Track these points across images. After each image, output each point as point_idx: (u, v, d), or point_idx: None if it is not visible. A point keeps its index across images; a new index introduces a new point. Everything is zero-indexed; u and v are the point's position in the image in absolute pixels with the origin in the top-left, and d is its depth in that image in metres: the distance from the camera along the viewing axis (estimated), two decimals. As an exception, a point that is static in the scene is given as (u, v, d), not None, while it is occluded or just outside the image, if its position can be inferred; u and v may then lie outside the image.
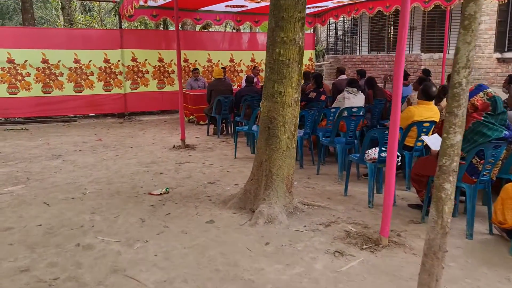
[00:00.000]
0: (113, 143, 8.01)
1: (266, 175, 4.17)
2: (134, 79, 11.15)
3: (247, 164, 6.39)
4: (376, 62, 12.13)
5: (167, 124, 10.44)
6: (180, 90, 7.53)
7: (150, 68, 11.29)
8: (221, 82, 8.70)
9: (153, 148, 7.59)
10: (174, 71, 11.56)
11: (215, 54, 12.07)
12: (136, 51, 11.04)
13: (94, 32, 11.17)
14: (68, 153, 7.21)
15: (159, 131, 9.42)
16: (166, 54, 11.41)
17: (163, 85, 11.53)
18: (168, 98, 11.56)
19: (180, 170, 6.05)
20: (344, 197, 4.82)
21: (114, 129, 9.65)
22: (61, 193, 4.98)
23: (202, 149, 7.51)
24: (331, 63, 13.97)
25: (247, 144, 7.73)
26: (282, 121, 4.08)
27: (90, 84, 10.71)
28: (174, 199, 4.74)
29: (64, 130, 9.60)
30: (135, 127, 9.92)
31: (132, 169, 6.11)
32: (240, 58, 12.41)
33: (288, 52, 3.99)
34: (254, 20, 11.85)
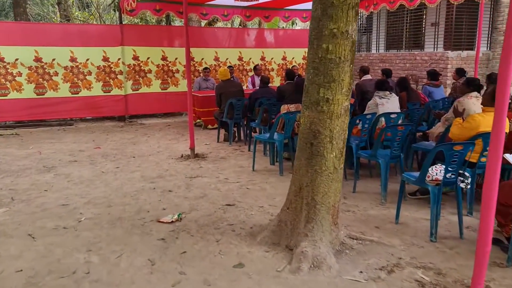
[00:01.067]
0: (113, 152, 7.13)
1: (308, 203, 3.30)
2: (136, 79, 10.26)
3: (269, 178, 5.52)
4: (396, 60, 11.26)
5: (172, 128, 9.56)
6: (189, 92, 6.65)
7: (153, 67, 10.40)
8: (231, 84, 7.81)
9: (158, 158, 6.72)
10: (179, 70, 10.68)
11: (223, 52, 11.18)
12: (137, 49, 10.15)
13: (92, 28, 10.29)
14: (62, 164, 6.33)
15: (164, 136, 8.54)
16: (171, 52, 10.52)
17: (167, 86, 10.65)
18: (172, 100, 10.67)
19: (191, 187, 5.18)
20: (395, 226, 3.95)
21: (114, 134, 8.77)
22: (51, 220, 4.10)
23: (213, 159, 6.63)
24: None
25: (264, 154, 6.86)
26: (329, 136, 3.21)
27: (88, 84, 9.83)
28: (189, 228, 3.86)
29: (59, 135, 8.71)
30: (137, 132, 9.04)
31: (136, 186, 5.24)
32: (249, 57, 11.52)
33: (338, 48, 3.12)
34: (264, 16, 10.96)
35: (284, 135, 5.79)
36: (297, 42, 12.00)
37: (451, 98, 7.49)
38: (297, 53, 12.08)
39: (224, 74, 7.77)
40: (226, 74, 7.78)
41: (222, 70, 7.85)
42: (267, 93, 7.70)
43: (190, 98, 6.66)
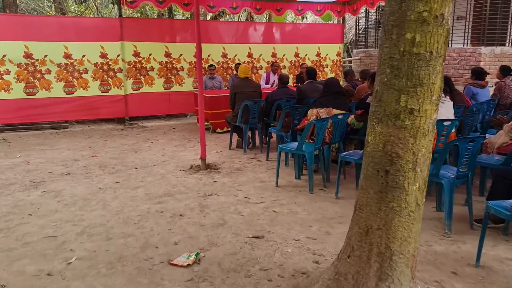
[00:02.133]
0: (112, 162, 6.22)
1: (381, 253, 2.40)
2: (137, 77, 9.35)
3: (297, 197, 4.63)
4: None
5: (176, 132, 8.65)
6: (201, 92, 5.75)
7: (155, 65, 9.49)
8: (248, 83, 6.90)
9: (164, 169, 5.82)
10: (184, 67, 9.77)
11: (231, 48, 10.26)
12: (139, 44, 9.23)
13: (89, 21, 9.37)
14: (52, 178, 5.43)
15: (169, 142, 7.64)
16: (175, 48, 9.60)
17: (171, 85, 9.74)
18: (176, 100, 9.77)
19: (207, 210, 4.28)
20: (477, 271, 3.06)
21: (113, 140, 7.86)
22: (33, 261, 3.21)
23: (228, 171, 5.74)
24: (361, 59, 12.19)
25: (286, 164, 5.97)
26: (412, 161, 2.32)
27: (84, 83, 8.92)
28: (211, 276, 2.97)
29: (52, 141, 7.80)
30: (138, 137, 8.13)
31: (140, 208, 4.34)
32: (260, 53, 10.61)
33: (429, 38, 2.22)
34: (276, 8, 10.11)
35: (315, 145, 4.89)
36: (310, 37, 11.09)
37: (496, 100, 6.61)
38: (311, 50, 11.17)
39: (244, 71, 6.84)
40: (246, 71, 6.85)
41: (243, 66, 6.93)
42: (286, 94, 6.81)
43: (201, 100, 5.75)
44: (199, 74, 5.69)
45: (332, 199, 4.62)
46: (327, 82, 5.43)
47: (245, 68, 6.89)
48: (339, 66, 11.66)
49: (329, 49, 11.39)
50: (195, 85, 9.92)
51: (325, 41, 11.29)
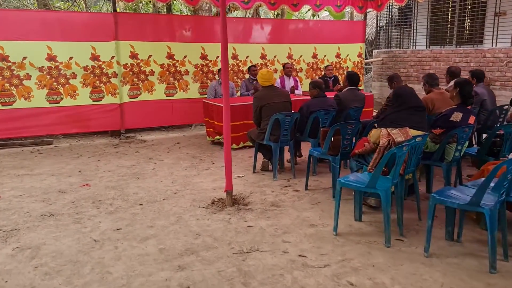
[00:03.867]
0: (109, 194, 4.85)
1: None
2: (134, 83, 7.97)
3: (372, 255, 3.32)
4: (454, 58, 9.11)
5: (183, 148, 7.28)
6: (226, 101, 4.39)
7: (156, 68, 8.12)
8: (275, 92, 5.55)
9: (178, 206, 4.46)
10: (189, 71, 8.42)
11: (242, 49, 8.92)
12: (136, 44, 7.86)
13: (77, 17, 7.94)
14: (29, 222, 4.04)
15: (176, 162, 6.27)
16: (178, 48, 8.24)
17: (174, 91, 8.37)
18: (180, 109, 8.42)
19: (253, 283, 2.94)
20: None
21: (108, 160, 6.47)
22: None
23: (261, 207, 4.40)
24: (383, 60, 10.92)
25: (333, 197, 4.64)
26: None
27: (72, 91, 7.52)
28: None
29: (32, 162, 6.38)
30: (138, 155, 6.75)
31: (155, 279, 2.99)
32: (274, 54, 9.27)
33: None
34: (292, 3, 8.83)
35: (392, 179, 3.57)
36: (329, 36, 9.80)
37: None
38: (330, 50, 9.89)
39: (267, 77, 5.49)
40: (269, 78, 5.50)
41: (264, 72, 5.55)
42: (324, 105, 5.51)
43: (227, 113, 4.39)
44: (225, 79, 4.34)
45: (422, 257, 3.30)
46: (399, 92, 4.09)
47: (268, 74, 5.52)
48: (360, 68, 10.38)
49: (349, 49, 10.11)
50: (202, 91, 8.57)
51: (345, 40, 10.02)
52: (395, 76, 6.02)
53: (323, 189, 4.99)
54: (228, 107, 4.35)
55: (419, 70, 9.86)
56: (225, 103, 4.35)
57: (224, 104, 4.35)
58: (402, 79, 6.22)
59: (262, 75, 5.47)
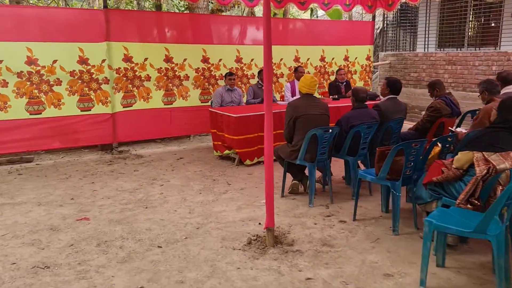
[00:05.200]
0: (116, 231, 3.90)
1: None
2: (128, 89, 6.99)
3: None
4: (474, 61, 8.50)
5: (187, 164, 6.36)
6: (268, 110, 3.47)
7: (152, 73, 7.16)
8: (314, 102, 4.69)
9: (207, 247, 3.57)
10: (189, 76, 7.49)
11: (247, 51, 8.05)
12: (131, 45, 6.89)
13: (61, 13, 6.81)
14: (18, 280, 3.06)
15: (186, 184, 5.36)
16: (178, 50, 7.31)
17: (172, 99, 7.43)
18: (179, 118, 7.50)
19: None
20: None
21: (104, 181, 5.49)
22: None
23: (312, 248, 3.56)
24: (391, 64, 10.25)
25: (393, 231, 3.83)
26: None
27: (56, 99, 6.50)
28: None
29: (11, 186, 5.34)
30: (138, 175, 5.79)
31: None
32: (280, 57, 8.44)
33: None
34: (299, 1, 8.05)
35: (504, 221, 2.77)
36: (337, 37, 9.04)
37: None
38: (338, 52, 9.13)
39: (308, 85, 4.58)
40: (312, 85, 4.59)
41: (308, 78, 4.59)
42: (366, 117, 4.71)
43: (269, 124, 3.48)
44: (268, 83, 3.46)
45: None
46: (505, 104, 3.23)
47: (312, 81, 4.64)
48: (369, 72, 9.67)
49: (358, 52, 9.39)
50: (204, 98, 7.66)
51: (354, 42, 9.28)
52: (437, 82, 5.28)
53: (374, 219, 4.18)
54: (270, 122, 3.45)
55: (432, 74, 9.22)
56: (266, 113, 3.44)
57: (267, 114, 3.44)
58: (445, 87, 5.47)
59: (305, 81, 4.59)
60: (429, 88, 5.32)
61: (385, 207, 4.33)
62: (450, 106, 5.21)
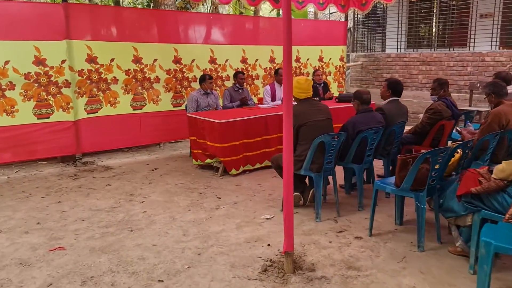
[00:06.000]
0: (102, 263, 3.26)
1: None
2: (93, 94, 6.26)
3: None
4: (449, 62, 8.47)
5: (165, 175, 5.74)
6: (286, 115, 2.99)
7: (120, 74, 6.47)
8: (316, 107, 4.25)
9: (217, 278, 3.03)
10: (160, 78, 6.86)
11: (221, 50, 7.51)
12: (95, 44, 6.18)
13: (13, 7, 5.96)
14: None
15: (169, 199, 4.76)
16: (147, 50, 6.66)
17: (142, 103, 6.76)
18: (149, 125, 6.83)
19: None
20: None
21: (72, 199, 4.77)
22: None
23: (337, 273, 3.12)
24: (363, 65, 10.09)
25: (418, 247, 3.48)
26: None
27: (9, 105, 5.67)
28: None
29: (-39, 209, 4.51)
30: (112, 190, 5.11)
31: None
32: (256, 57, 7.98)
33: None
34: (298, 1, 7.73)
35: None
36: (311, 37, 8.73)
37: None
38: (312, 53, 8.82)
39: (305, 88, 4.16)
40: (308, 88, 4.18)
41: (302, 81, 4.15)
42: (373, 122, 4.34)
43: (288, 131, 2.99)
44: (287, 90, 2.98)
45: None
46: None
47: (307, 83, 4.22)
48: (342, 73, 9.43)
49: (332, 52, 9.12)
50: (176, 102, 7.06)
51: (328, 42, 9.01)
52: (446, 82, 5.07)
53: (391, 234, 3.81)
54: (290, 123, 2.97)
55: (406, 75, 9.13)
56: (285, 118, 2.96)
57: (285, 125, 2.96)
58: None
59: (299, 85, 4.15)
60: (436, 85, 5.08)
61: (399, 219, 3.98)
62: (451, 108, 4.98)
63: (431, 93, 5.08)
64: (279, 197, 4.74)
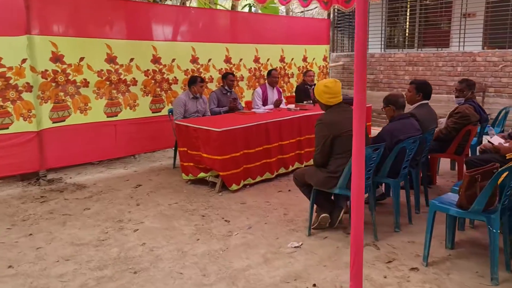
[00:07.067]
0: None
1: None
2: (59, 99, 5.30)
3: None
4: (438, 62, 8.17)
5: (151, 192, 4.90)
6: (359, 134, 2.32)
7: (91, 76, 5.54)
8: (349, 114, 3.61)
9: None
10: (137, 80, 6.00)
11: (204, 49, 6.73)
12: (61, 41, 5.23)
13: None
14: None
15: (169, 226, 3.96)
16: (122, 47, 5.78)
17: (118, 109, 5.86)
18: (126, 133, 5.94)
19: None
20: None
21: (44, 229, 3.86)
22: None
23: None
24: (345, 65, 9.65)
25: (491, 279, 2.94)
26: None
27: (-43, 115, 4.62)
28: None
29: None
30: (93, 216, 4.22)
31: None
32: (240, 57, 7.27)
33: None
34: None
35: None
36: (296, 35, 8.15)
37: None
38: (297, 52, 8.24)
39: (335, 91, 3.53)
40: (339, 91, 3.56)
41: (331, 84, 3.49)
42: (412, 129, 3.78)
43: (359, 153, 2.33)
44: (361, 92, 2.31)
45: None
46: None
47: (337, 85, 3.59)
48: (326, 74, 8.93)
49: (315, 52, 8.59)
50: (155, 108, 6.22)
51: (311, 41, 8.46)
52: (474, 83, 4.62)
53: (447, 261, 3.25)
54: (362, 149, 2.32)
55: (391, 75, 8.77)
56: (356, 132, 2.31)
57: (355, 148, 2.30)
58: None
59: (328, 89, 3.53)
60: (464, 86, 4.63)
61: (450, 242, 3.44)
62: (479, 112, 4.55)
63: (457, 94, 4.63)
64: (297, 217, 4.10)
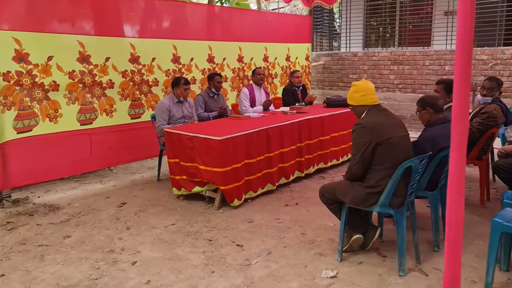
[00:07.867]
0: None
1: None
2: (25, 105, 4.50)
3: None
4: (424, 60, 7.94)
5: (140, 212, 4.23)
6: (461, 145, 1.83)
7: (61, 78, 4.77)
8: (391, 117, 3.12)
9: None
10: (114, 82, 5.27)
11: (185, 47, 6.08)
12: (26, 37, 4.44)
13: None
14: None
15: (173, 255, 3.34)
16: (96, 45, 5.03)
17: (93, 116, 5.11)
18: (102, 143, 5.20)
19: None
20: None
21: (19, 267, 3.13)
22: None
23: None
24: (325, 64, 9.25)
25: None
26: None
27: None
28: None
29: None
30: (76, 246, 3.51)
31: None
32: (223, 56, 6.67)
33: None
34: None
35: None
36: (279, 33, 7.66)
37: None
38: (280, 51, 7.75)
39: (370, 87, 3.07)
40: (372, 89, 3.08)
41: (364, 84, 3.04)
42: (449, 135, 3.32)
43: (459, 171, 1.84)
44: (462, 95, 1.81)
45: None
46: None
47: (364, 82, 3.12)
48: (308, 74, 8.49)
49: (298, 51, 8.14)
50: (134, 113, 5.52)
51: (294, 39, 7.99)
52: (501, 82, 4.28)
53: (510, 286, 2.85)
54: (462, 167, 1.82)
55: (376, 75, 8.46)
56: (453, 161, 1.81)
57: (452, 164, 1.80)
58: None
59: (356, 87, 3.08)
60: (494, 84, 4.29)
61: (506, 264, 3.03)
62: (506, 115, 4.22)
63: (485, 93, 4.28)
64: (317, 237, 3.60)
